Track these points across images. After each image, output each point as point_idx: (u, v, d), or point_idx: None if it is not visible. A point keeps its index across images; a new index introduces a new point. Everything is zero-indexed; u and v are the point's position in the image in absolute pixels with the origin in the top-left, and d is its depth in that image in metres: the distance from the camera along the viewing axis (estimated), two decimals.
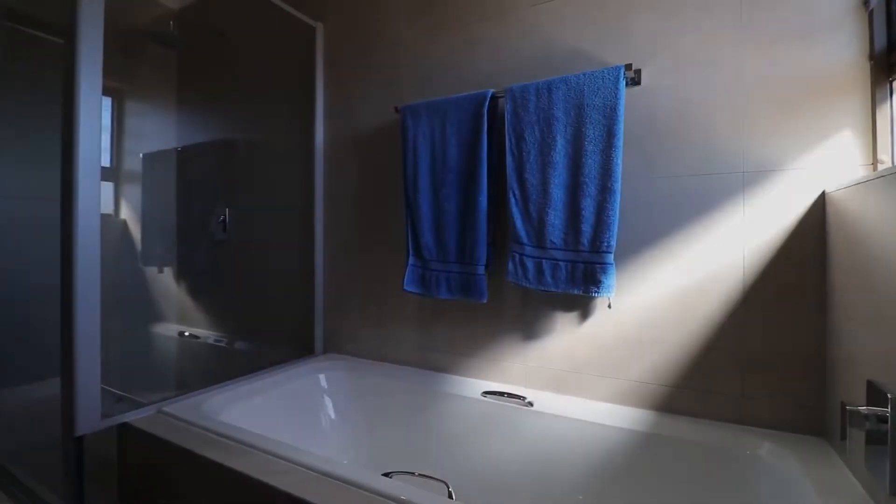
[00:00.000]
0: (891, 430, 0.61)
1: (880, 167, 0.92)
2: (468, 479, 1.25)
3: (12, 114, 1.64)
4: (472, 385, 1.37)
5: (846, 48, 0.96)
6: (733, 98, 1.07)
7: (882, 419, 0.63)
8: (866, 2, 0.93)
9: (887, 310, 0.70)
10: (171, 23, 2.05)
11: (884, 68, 0.92)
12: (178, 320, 2.09)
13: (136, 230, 2.01)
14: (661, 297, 1.15)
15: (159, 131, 2.09)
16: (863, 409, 0.65)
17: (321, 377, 1.56)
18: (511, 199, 1.25)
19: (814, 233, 0.99)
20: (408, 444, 1.41)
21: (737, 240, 1.07)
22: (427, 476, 1.15)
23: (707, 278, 1.10)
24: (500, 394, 1.31)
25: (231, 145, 2.01)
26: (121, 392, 1.24)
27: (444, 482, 1.13)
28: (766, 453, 0.96)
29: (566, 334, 1.27)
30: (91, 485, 1.08)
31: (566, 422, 1.20)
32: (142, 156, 2.04)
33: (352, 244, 1.70)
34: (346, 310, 1.72)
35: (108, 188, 1.96)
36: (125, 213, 2.00)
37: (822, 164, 0.98)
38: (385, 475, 0.90)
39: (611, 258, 1.13)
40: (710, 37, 1.09)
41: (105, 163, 1.95)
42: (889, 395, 0.63)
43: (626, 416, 1.15)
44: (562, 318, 1.28)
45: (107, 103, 1.96)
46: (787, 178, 1.01)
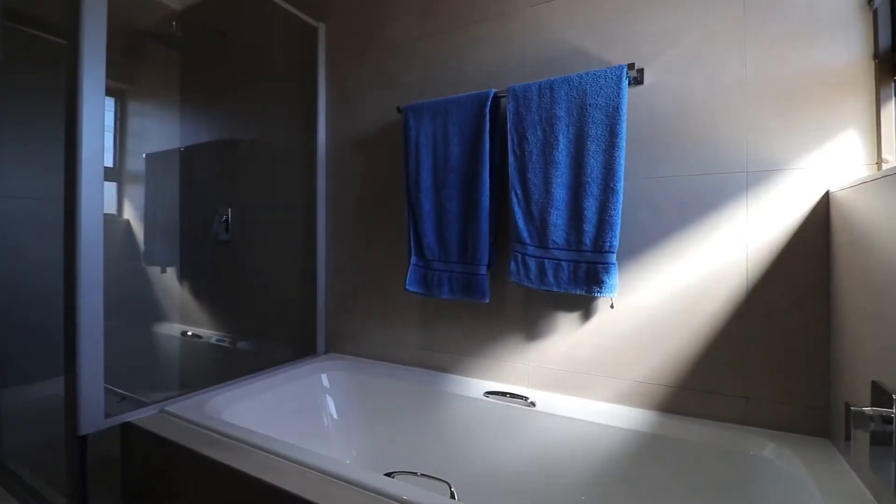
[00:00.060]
0: None
1: (885, 166, 0.92)
2: (470, 480, 1.25)
3: (16, 114, 1.65)
4: (475, 385, 1.37)
5: (850, 47, 0.96)
6: (737, 97, 1.06)
7: (887, 420, 0.63)
8: (870, 0, 0.93)
9: (892, 310, 0.70)
10: (173, 23, 2.06)
11: (888, 67, 0.91)
12: (181, 320, 2.10)
13: (139, 230, 2.02)
14: (663, 297, 1.14)
15: (162, 131, 2.10)
16: (867, 409, 0.65)
17: (323, 377, 1.56)
18: (513, 198, 1.24)
19: (818, 233, 0.99)
20: (410, 445, 1.41)
21: (740, 239, 1.06)
22: (429, 476, 1.15)
23: (710, 278, 1.09)
24: (503, 394, 1.31)
25: (233, 145, 2.01)
26: (124, 391, 1.25)
27: (446, 482, 1.13)
28: (770, 454, 0.96)
29: (569, 334, 1.27)
30: (94, 484, 1.09)
31: (569, 422, 1.20)
32: (145, 156, 2.05)
33: (354, 244, 1.70)
34: (348, 310, 1.72)
35: (111, 188, 1.98)
36: (128, 213, 2.01)
37: (826, 163, 0.98)
38: (387, 475, 0.90)
39: (613, 258, 1.13)
40: (713, 35, 1.09)
41: (108, 163, 1.97)
42: (894, 395, 0.62)
43: (629, 417, 1.15)
44: (564, 319, 1.28)
45: (110, 104, 1.97)
46: (791, 178, 1.01)
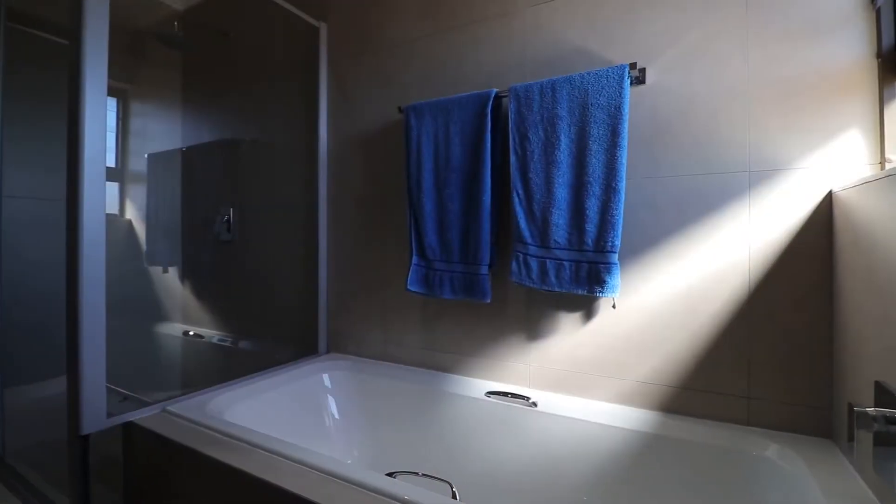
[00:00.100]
0: None
1: (888, 166, 0.91)
2: (472, 480, 1.25)
3: (18, 115, 1.65)
4: (476, 385, 1.37)
5: (853, 46, 0.95)
6: (739, 96, 1.06)
7: (890, 420, 0.62)
8: None
9: (895, 310, 0.69)
10: (175, 23, 2.06)
11: (891, 66, 0.91)
12: (183, 320, 2.11)
13: (141, 230, 2.02)
14: (665, 297, 1.14)
15: (164, 131, 2.10)
16: (871, 410, 0.65)
17: (325, 377, 1.57)
18: (515, 198, 1.24)
19: (820, 232, 0.98)
20: (411, 445, 1.41)
21: (742, 239, 1.06)
22: (431, 476, 1.15)
23: (712, 278, 1.09)
24: (504, 394, 1.31)
25: (235, 145, 2.01)
26: (126, 391, 1.25)
27: (447, 482, 1.13)
28: (772, 455, 0.95)
29: (570, 335, 1.27)
30: (96, 483, 1.09)
31: (570, 422, 1.20)
32: (147, 156, 2.06)
33: (355, 244, 1.70)
34: (349, 309, 1.72)
35: (113, 188, 1.98)
36: (130, 213, 2.02)
37: (829, 163, 0.98)
38: (389, 475, 0.90)
39: (615, 258, 1.12)
40: (715, 35, 1.08)
41: (110, 163, 1.97)
42: None
43: (631, 417, 1.15)
44: (566, 319, 1.27)
45: (112, 104, 1.97)
46: (794, 178, 1.01)
